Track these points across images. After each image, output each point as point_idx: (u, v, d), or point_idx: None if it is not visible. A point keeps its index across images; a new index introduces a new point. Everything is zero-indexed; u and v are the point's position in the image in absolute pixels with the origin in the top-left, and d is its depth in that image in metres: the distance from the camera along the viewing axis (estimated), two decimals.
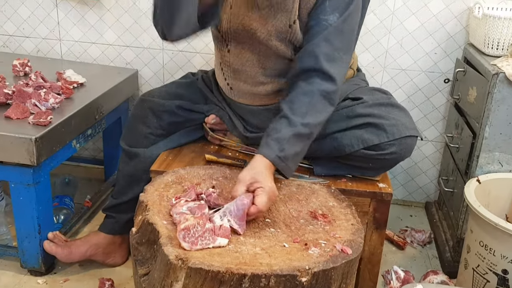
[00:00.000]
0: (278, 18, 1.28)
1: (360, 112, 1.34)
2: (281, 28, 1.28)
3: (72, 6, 2.01)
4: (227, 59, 1.40)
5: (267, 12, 1.28)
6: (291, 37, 1.30)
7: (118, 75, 1.91)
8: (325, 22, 1.23)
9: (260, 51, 1.34)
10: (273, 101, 1.41)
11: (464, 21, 1.82)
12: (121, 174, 1.55)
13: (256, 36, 1.31)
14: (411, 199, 2.12)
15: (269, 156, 1.15)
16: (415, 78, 1.92)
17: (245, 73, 1.38)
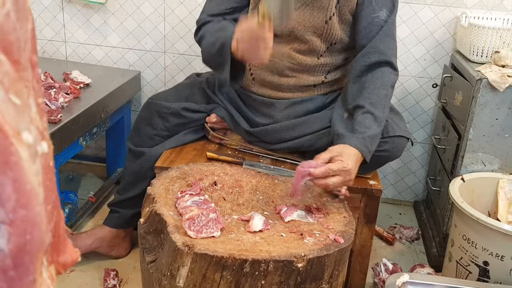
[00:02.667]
0: (314, 15, 1.38)
1: None
2: (318, 24, 1.39)
3: (78, 9, 2.09)
4: None
5: (303, 10, 1.39)
6: (328, 32, 1.40)
7: (121, 76, 1.99)
8: (377, 19, 1.35)
9: (293, 46, 1.43)
10: (292, 95, 1.49)
11: (452, 30, 1.92)
12: (126, 172, 1.63)
13: (294, 33, 1.41)
14: (401, 198, 2.21)
15: (362, 149, 1.24)
16: (405, 83, 2.02)
17: (274, 65, 1.45)
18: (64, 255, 0.39)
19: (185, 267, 1.05)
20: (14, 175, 0.30)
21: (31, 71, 0.34)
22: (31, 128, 0.33)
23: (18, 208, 0.30)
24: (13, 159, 0.30)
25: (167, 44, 2.09)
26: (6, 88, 0.30)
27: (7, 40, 0.31)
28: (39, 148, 0.34)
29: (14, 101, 0.31)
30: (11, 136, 0.30)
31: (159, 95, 1.64)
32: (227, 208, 1.24)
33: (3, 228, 0.30)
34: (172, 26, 2.05)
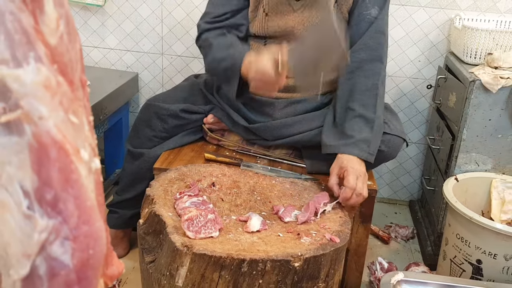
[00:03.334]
0: (313, 14, 1.41)
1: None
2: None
3: (76, 11, 2.10)
4: (261, 51, 1.41)
5: (302, 11, 1.42)
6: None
7: (119, 78, 2.01)
8: (369, 16, 1.37)
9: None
10: (290, 95, 1.51)
11: (446, 31, 1.95)
12: (125, 173, 1.65)
13: (294, 34, 1.44)
14: (396, 197, 2.24)
15: (361, 155, 1.29)
16: (400, 84, 2.05)
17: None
18: (112, 268, 0.40)
19: (184, 267, 1.07)
20: (75, 193, 0.31)
21: (81, 90, 0.36)
22: (86, 145, 0.34)
23: (81, 224, 0.32)
24: (74, 176, 0.31)
25: (165, 46, 2.11)
26: (65, 108, 0.31)
27: (63, 62, 0.32)
28: (93, 165, 0.35)
29: (73, 121, 0.32)
30: (72, 155, 0.31)
31: (157, 97, 1.66)
32: (225, 209, 1.26)
33: (67, 244, 0.31)
34: (170, 28, 2.07)
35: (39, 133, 0.28)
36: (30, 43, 0.28)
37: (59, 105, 0.31)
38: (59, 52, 0.33)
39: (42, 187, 0.29)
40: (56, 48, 0.32)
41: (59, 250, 0.31)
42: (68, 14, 0.35)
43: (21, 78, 0.28)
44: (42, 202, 0.29)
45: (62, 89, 0.32)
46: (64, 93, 0.32)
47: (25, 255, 0.28)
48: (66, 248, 0.31)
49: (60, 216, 0.30)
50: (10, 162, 0.27)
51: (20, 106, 0.28)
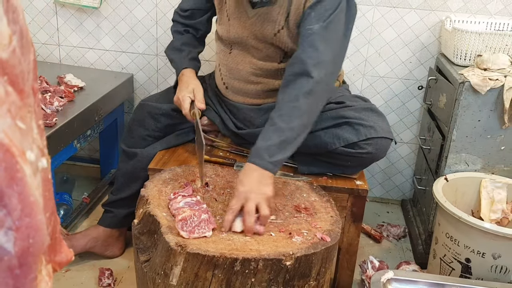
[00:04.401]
0: (264, 27, 1.44)
1: (343, 114, 1.48)
2: (267, 35, 1.44)
3: (71, 13, 2.12)
4: (226, 59, 1.55)
5: (255, 21, 1.44)
6: (278, 43, 1.45)
7: (114, 79, 2.03)
8: (310, 31, 1.35)
9: (253, 53, 1.50)
10: (263, 100, 1.55)
11: (437, 33, 1.97)
12: (120, 173, 1.67)
13: (249, 41, 1.48)
14: (388, 196, 2.27)
15: (259, 163, 1.24)
16: (392, 85, 2.08)
17: (239, 72, 1.53)
18: (60, 255, 0.45)
19: (178, 266, 1.09)
20: (19, 189, 0.36)
21: (33, 97, 0.39)
22: (33, 147, 0.39)
23: (23, 216, 0.36)
24: (19, 175, 0.36)
25: (160, 47, 2.12)
26: (13, 115, 0.36)
27: (14, 73, 0.36)
28: (39, 164, 0.40)
29: (20, 126, 0.36)
30: (17, 156, 0.35)
31: (151, 97, 1.69)
32: (219, 209, 1.29)
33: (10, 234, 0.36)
34: (164, 30, 2.09)
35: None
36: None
37: (7, 113, 0.35)
38: (10, 65, 0.36)
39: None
40: (8, 62, 0.36)
41: (3, 238, 0.35)
42: (22, 28, 0.38)
43: None
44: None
45: (10, 98, 0.36)
46: (12, 102, 0.36)
47: None
48: (9, 237, 0.36)
49: (5, 209, 0.35)
50: None
51: None
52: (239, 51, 1.53)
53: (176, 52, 1.62)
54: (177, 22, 1.67)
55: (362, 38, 2.02)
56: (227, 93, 1.59)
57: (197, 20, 1.64)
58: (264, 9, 1.42)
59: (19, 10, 0.38)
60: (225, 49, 1.56)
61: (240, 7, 1.47)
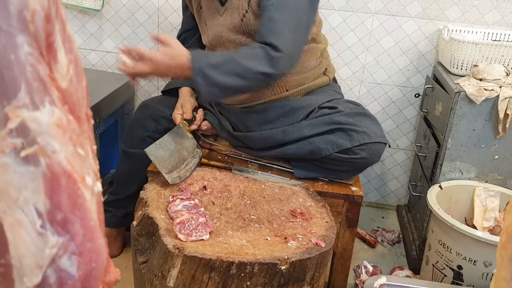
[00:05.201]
0: (232, 15, 1.48)
1: (336, 120, 1.50)
2: (236, 23, 1.48)
3: (74, 15, 2.14)
4: None
5: (225, 14, 1.49)
6: (246, 29, 1.49)
7: (116, 81, 2.05)
8: (266, 3, 1.37)
9: (230, 48, 1.53)
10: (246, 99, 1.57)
11: (435, 42, 2.00)
12: (119, 173, 1.70)
13: (224, 37, 1.52)
14: (384, 202, 2.30)
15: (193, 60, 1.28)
16: (389, 92, 2.10)
17: None
18: (109, 275, 0.47)
19: (175, 268, 1.12)
20: (81, 214, 0.38)
21: (87, 124, 0.41)
22: (90, 172, 0.41)
23: (85, 241, 0.38)
24: (80, 201, 0.38)
25: None
26: (74, 143, 0.37)
27: (72, 102, 0.38)
28: (95, 188, 0.42)
29: (80, 153, 0.38)
30: (79, 182, 0.37)
31: (153, 99, 1.72)
32: (216, 212, 1.31)
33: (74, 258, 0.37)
34: (166, 33, 2.11)
35: (52, 164, 0.34)
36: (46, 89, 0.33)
37: (69, 141, 0.37)
38: (69, 93, 0.38)
39: (54, 209, 0.34)
40: (67, 90, 0.38)
41: (67, 263, 0.36)
42: (76, 57, 0.40)
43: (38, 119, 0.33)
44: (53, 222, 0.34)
45: (71, 126, 0.37)
46: (73, 130, 0.38)
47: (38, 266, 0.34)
48: (73, 261, 0.37)
49: (68, 234, 0.36)
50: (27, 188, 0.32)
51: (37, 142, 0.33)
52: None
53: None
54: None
55: (360, 45, 2.04)
56: None
57: (190, 42, 1.72)
58: (229, 1, 1.47)
59: (73, 39, 0.40)
60: None
61: (212, 9, 1.53)
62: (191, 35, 1.72)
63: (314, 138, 1.50)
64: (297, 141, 1.49)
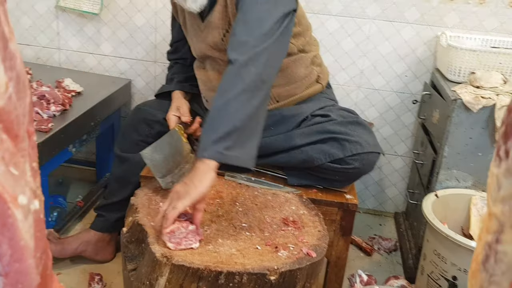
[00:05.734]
0: (213, 34, 1.47)
1: (329, 129, 1.49)
2: (216, 41, 1.48)
3: (72, 18, 2.14)
4: (201, 74, 1.61)
5: (206, 32, 1.48)
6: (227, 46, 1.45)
7: (112, 84, 2.05)
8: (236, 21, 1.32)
9: (216, 64, 1.54)
10: None
11: (433, 48, 1.99)
12: (113, 177, 1.69)
13: (207, 54, 1.52)
14: (381, 209, 2.28)
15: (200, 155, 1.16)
16: (387, 98, 2.09)
17: (211, 82, 1.57)
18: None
19: (163, 277, 1.10)
20: (10, 234, 0.37)
21: (27, 140, 0.40)
22: (26, 190, 0.39)
23: (13, 262, 0.37)
24: (10, 221, 0.37)
25: (158, 54, 2.14)
26: (6, 162, 0.36)
27: (9, 120, 0.37)
28: (32, 206, 0.41)
29: (13, 172, 0.37)
30: (9, 202, 0.36)
31: (146, 103, 1.71)
32: (207, 219, 1.30)
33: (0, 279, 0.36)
34: (163, 37, 2.11)
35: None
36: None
37: (1, 160, 0.36)
38: (6, 112, 0.37)
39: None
40: (3, 109, 0.37)
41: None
42: (19, 74, 0.39)
43: None
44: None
45: (4, 145, 0.37)
46: (6, 149, 0.37)
47: None
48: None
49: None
50: None
51: None
52: (209, 65, 1.57)
53: (168, 82, 1.75)
54: (169, 60, 1.79)
55: (358, 50, 2.03)
56: (208, 106, 1.62)
57: (181, 51, 1.73)
58: (209, 17, 1.46)
59: (17, 55, 0.38)
60: (200, 65, 1.62)
61: (194, 25, 1.53)
62: (182, 45, 1.72)
63: (307, 147, 1.48)
64: (289, 150, 1.48)
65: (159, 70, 2.18)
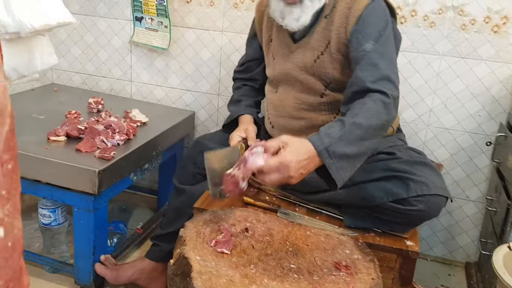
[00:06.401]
0: (306, 55, 1.47)
1: (393, 166, 1.41)
2: (307, 63, 1.47)
3: (144, 52, 2.26)
4: (272, 98, 1.60)
5: (297, 52, 1.49)
6: (318, 71, 1.47)
7: (177, 115, 2.11)
8: (363, 52, 1.35)
9: (295, 87, 1.52)
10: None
11: (510, 87, 1.84)
12: (170, 208, 1.72)
13: (291, 75, 1.51)
14: (451, 257, 2.11)
15: (316, 145, 1.18)
16: (458, 138, 1.95)
17: (283, 109, 1.55)
18: None
19: None
20: None
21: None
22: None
23: None
24: None
25: (221, 87, 2.19)
26: None
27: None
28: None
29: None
30: None
31: (205, 136, 1.73)
32: (254, 257, 1.26)
33: None
34: (227, 71, 2.15)
35: None
36: None
37: None
38: None
39: None
40: None
41: None
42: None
43: None
44: None
45: None
46: None
47: None
48: None
49: None
50: None
51: None
52: (284, 88, 1.56)
53: (234, 103, 1.72)
54: (236, 79, 1.79)
55: (427, 87, 1.93)
56: (273, 131, 1.60)
57: (254, 71, 1.73)
58: (305, 39, 1.47)
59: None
60: (272, 89, 1.61)
61: (283, 44, 1.53)
62: (256, 65, 1.73)
63: (367, 184, 1.41)
64: (348, 186, 1.41)
65: (222, 103, 2.21)
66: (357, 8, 1.40)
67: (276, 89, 1.59)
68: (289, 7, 1.43)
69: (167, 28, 2.14)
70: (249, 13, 2.05)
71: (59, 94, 2.24)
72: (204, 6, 2.10)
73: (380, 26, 1.37)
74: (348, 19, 1.40)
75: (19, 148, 1.65)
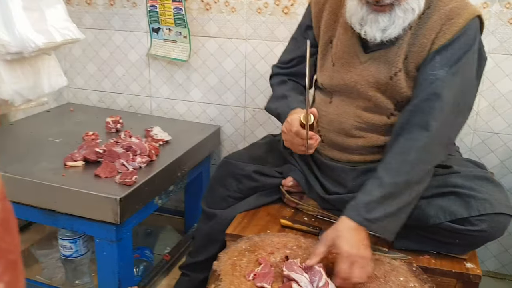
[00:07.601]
0: (380, 70, 1.28)
1: (450, 181, 1.26)
2: (381, 79, 1.28)
3: (163, 66, 2.14)
4: (326, 109, 1.40)
5: (368, 65, 1.30)
6: (392, 89, 1.28)
7: (201, 131, 1.98)
8: (433, 77, 1.20)
9: (358, 104, 1.33)
10: (362, 157, 1.37)
11: None
12: (199, 234, 1.58)
13: (356, 89, 1.32)
14: (505, 271, 1.93)
15: (355, 218, 1.14)
16: (509, 143, 1.78)
17: (340, 124, 1.36)
18: None
19: None
20: None
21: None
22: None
23: None
24: None
25: (247, 99, 2.06)
26: None
27: None
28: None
29: None
30: None
31: (233, 155, 1.59)
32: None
33: None
34: (253, 81, 2.02)
35: None
36: None
37: None
38: None
39: None
40: None
41: None
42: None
43: None
44: None
45: None
46: None
47: None
48: None
49: None
50: None
51: None
52: (341, 100, 1.36)
53: (280, 99, 1.44)
54: (278, 74, 1.53)
55: None
56: (322, 147, 1.42)
57: (301, 65, 1.48)
58: (382, 52, 1.27)
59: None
60: (325, 98, 1.41)
61: (350, 52, 1.32)
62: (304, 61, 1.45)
63: (421, 201, 1.26)
64: None
65: (249, 116, 2.08)
66: (458, 23, 1.20)
67: (330, 99, 1.39)
68: (374, 15, 1.21)
69: (186, 39, 2.02)
70: (274, 18, 1.91)
71: (75, 114, 2.14)
72: (225, 13, 1.98)
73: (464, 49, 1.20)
74: (439, 33, 1.21)
75: (36, 176, 1.54)
